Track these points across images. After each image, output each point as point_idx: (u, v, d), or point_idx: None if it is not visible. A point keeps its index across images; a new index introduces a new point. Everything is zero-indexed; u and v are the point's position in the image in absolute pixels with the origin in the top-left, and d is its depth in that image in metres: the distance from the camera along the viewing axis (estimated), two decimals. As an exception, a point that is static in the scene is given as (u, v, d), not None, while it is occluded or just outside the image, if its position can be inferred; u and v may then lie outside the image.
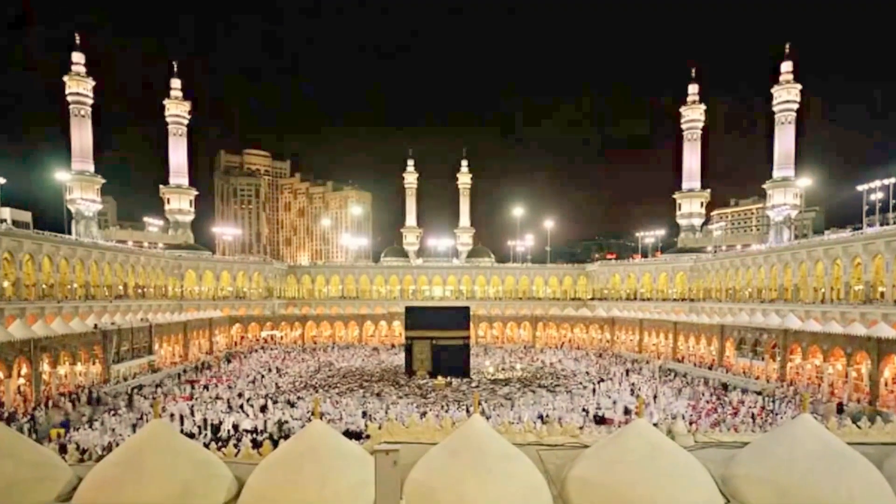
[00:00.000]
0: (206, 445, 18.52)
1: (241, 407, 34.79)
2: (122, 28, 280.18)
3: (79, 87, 74.47)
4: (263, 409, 34.32)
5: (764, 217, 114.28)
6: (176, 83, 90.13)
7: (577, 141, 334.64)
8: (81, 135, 75.28)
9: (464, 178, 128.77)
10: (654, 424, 7.27)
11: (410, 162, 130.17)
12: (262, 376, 47.18)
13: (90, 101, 76.02)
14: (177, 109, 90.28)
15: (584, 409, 33.95)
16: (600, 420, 32.02)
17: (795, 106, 77.19)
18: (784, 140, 78.04)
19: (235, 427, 29.96)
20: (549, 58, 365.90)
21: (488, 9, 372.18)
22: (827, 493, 5.34)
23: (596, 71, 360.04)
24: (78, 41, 74.79)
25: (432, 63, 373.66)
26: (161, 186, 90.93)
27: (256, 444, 22.69)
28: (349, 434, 25.96)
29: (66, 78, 74.16)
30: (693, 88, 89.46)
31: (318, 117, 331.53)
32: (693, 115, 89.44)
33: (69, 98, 74.65)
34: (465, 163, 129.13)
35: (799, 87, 76.74)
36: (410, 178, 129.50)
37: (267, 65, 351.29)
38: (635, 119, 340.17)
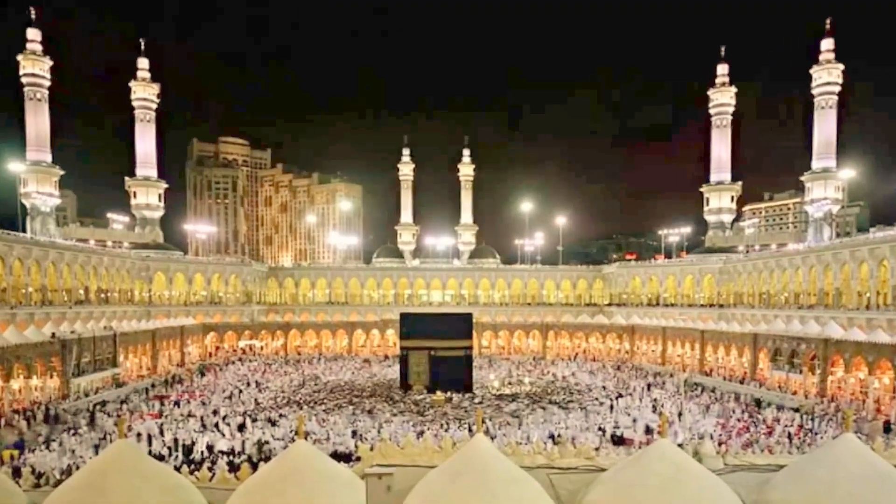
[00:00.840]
0: (178, 469, 18.52)
1: (217, 426, 34.80)
2: (83, 2, 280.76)
3: (34, 67, 74.49)
4: (241, 427, 34.34)
5: (802, 213, 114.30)
6: (143, 63, 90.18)
7: (592, 129, 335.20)
8: (37, 120, 75.33)
9: (465, 170, 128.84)
10: (679, 445, 7.27)
11: (406, 151, 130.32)
12: (240, 391, 47.20)
13: (47, 84, 76.05)
14: (144, 92, 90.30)
15: (600, 429, 33.99)
16: (618, 440, 32.05)
17: (837, 88, 77.20)
18: (824, 127, 78.07)
19: (210, 448, 29.96)
20: (563, 37, 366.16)
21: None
22: (872, 522, 5.33)
23: (614, 53, 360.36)
24: (34, 16, 74.89)
25: (431, 44, 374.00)
26: (126, 179, 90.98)
27: (233, 468, 22.69)
28: (337, 456, 25.97)
29: (20, 57, 74.20)
30: (722, 69, 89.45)
31: (301, 101, 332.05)
32: (722, 98, 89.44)
33: (23, 80, 74.69)
34: (466, 152, 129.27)
35: (841, 67, 76.75)
36: (406, 169, 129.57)
37: (244, 44, 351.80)
38: (657, 105, 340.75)
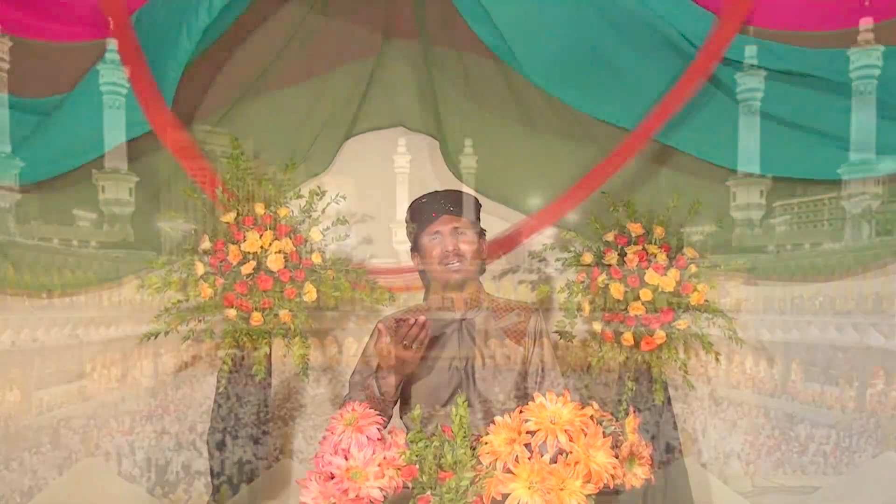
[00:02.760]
0: (150, 491, 18.43)
1: (193, 443, 34.78)
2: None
3: (-8, 47, 74.94)
4: (220, 445, 34.33)
5: (838, 209, 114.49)
6: (112, 43, 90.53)
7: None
8: (-5, 107, 75.75)
9: (467, 161, 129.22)
10: (703, 465, 7.27)
11: (402, 140, 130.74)
12: (219, 405, 47.08)
13: (6, 66, 76.31)
14: (112, 76, 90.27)
15: (614, 447, 34.12)
16: (636, 460, 32.15)
17: (877, 71, 77.38)
18: (863, 114, 78.36)
19: (186, 468, 29.99)
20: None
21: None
22: (915, 549, 5.34)
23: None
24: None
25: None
26: (94, 171, 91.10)
27: (212, 489, 22.71)
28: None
29: (-24, 37, 74.58)
30: (750, 50, 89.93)
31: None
32: (751, 82, 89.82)
33: (-20, 61, 75.12)
34: (468, 141, 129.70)
35: (882, 48, 77.01)
36: (402, 160, 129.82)
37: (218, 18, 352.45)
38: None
